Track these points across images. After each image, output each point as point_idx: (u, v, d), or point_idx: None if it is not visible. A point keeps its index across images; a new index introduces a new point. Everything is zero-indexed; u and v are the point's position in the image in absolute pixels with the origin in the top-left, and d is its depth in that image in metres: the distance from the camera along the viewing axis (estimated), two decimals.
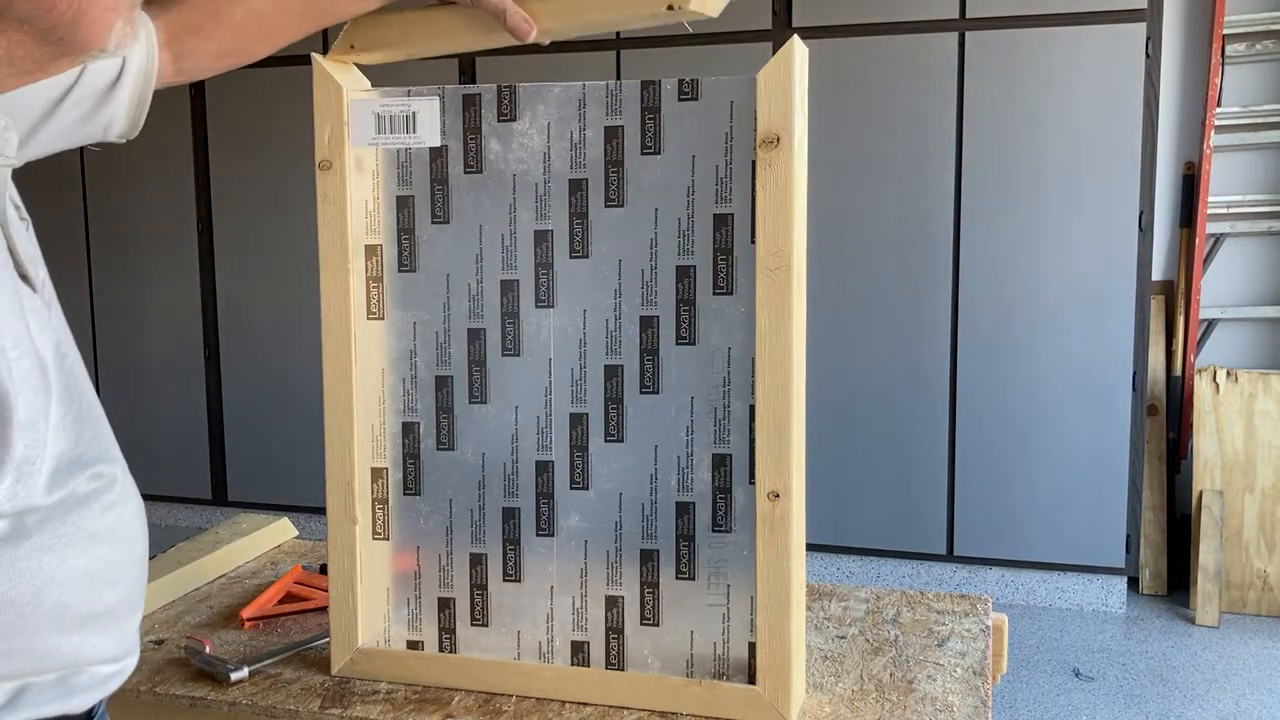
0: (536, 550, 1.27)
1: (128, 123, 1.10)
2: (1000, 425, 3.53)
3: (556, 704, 1.24)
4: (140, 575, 0.96)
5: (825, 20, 3.55)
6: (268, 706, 1.25)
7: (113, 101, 1.07)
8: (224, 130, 4.25)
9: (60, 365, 0.88)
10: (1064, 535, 3.52)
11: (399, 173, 1.26)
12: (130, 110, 1.09)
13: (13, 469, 0.80)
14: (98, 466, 0.90)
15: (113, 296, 4.48)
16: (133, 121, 1.11)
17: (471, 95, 1.23)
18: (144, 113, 1.11)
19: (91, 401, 0.93)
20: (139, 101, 1.09)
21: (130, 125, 1.11)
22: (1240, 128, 3.77)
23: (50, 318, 0.89)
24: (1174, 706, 2.98)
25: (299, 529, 1.93)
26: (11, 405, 0.80)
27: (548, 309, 1.23)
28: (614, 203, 1.20)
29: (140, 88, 1.09)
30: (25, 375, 0.82)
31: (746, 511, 1.19)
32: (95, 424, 0.92)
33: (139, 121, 1.11)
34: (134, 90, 1.08)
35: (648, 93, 1.17)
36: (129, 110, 1.09)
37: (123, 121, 1.10)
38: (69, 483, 0.86)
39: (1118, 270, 3.40)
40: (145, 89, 1.09)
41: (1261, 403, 3.52)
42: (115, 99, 1.07)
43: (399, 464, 1.30)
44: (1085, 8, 3.33)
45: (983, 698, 1.24)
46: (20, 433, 0.80)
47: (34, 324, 0.85)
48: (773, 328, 1.14)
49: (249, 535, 1.77)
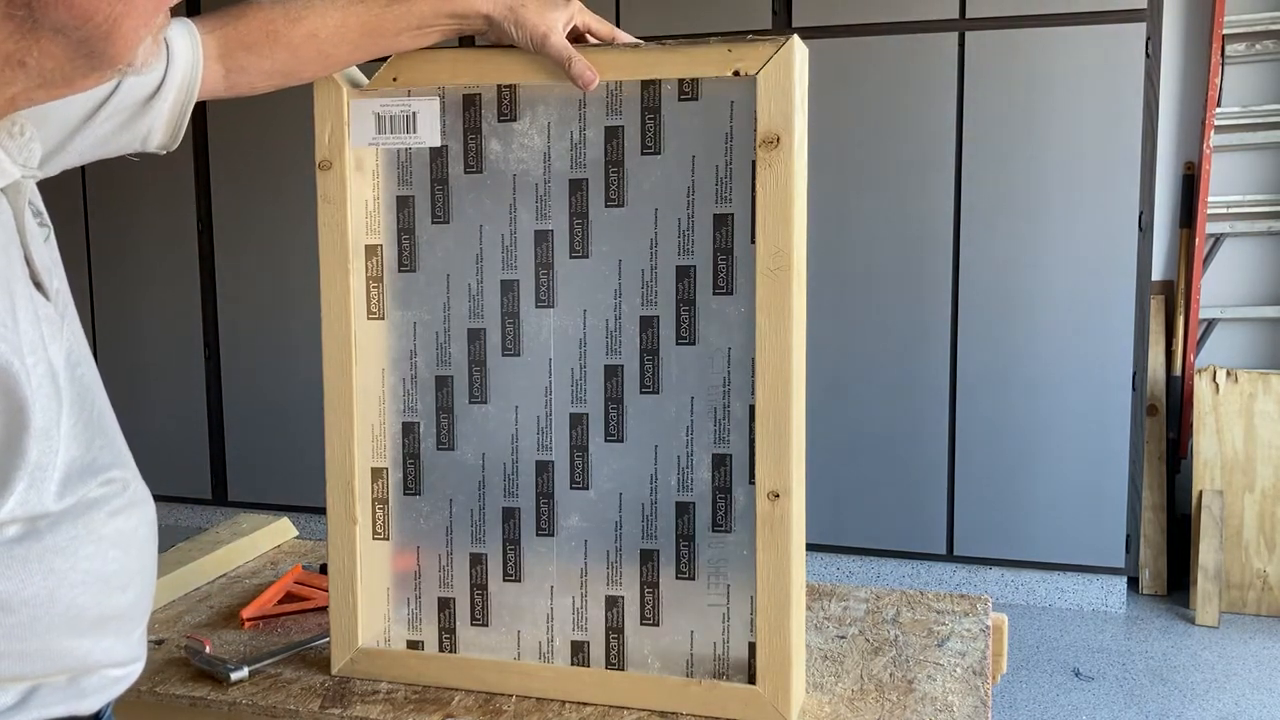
0: (536, 550, 1.27)
1: (168, 134, 1.08)
2: (1000, 425, 3.53)
3: (556, 704, 1.24)
4: (149, 582, 0.97)
5: (825, 20, 3.55)
6: (268, 706, 1.25)
7: (150, 114, 1.05)
8: (224, 130, 4.25)
9: (72, 374, 0.89)
10: (1064, 535, 3.52)
11: (399, 173, 1.26)
12: (170, 123, 1.07)
13: (26, 475, 0.81)
14: (110, 473, 0.91)
15: (113, 296, 4.48)
16: (173, 133, 1.09)
17: (471, 95, 1.23)
18: (184, 125, 1.09)
19: (104, 409, 0.94)
20: (180, 114, 1.08)
21: (170, 137, 1.09)
22: (1240, 128, 3.77)
23: (63, 326, 0.89)
24: (1174, 706, 2.98)
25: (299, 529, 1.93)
26: (29, 412, 0.80)
27: (548, 309, 1.23)
28: (614, 203, 1.20)
29: (183, 100, 1.07)
30: (40, 383, 0.82)
31: (746, 511, 1.19)
32: (107, 431, 0.93)
33: (179, 133, 1.09)
34: (175, 103, 1.07)
35: (648, 92, 1.17)
36: (169, 123, 1.08)
37: (161, 133, 1.08)
38: (80, 489, 0.87)
39: (1118, 270, 3.40)
40: (187, 102, 1.08)
41: (1261, 403, 3.52)
42: (154, 111, 1.05)
43: (399, 464, 1.30)
44: (1085, 8, 3.33)
45: (982, 698, 1.24)
46: (35, 440, 0.81)
47: (47, 332, 0.85)
48: (773, 328, 1.14)
49: (249, 535, 1.77)
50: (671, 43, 1.15)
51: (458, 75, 1.21)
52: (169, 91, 1.05)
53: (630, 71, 1.17)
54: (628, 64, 1.16)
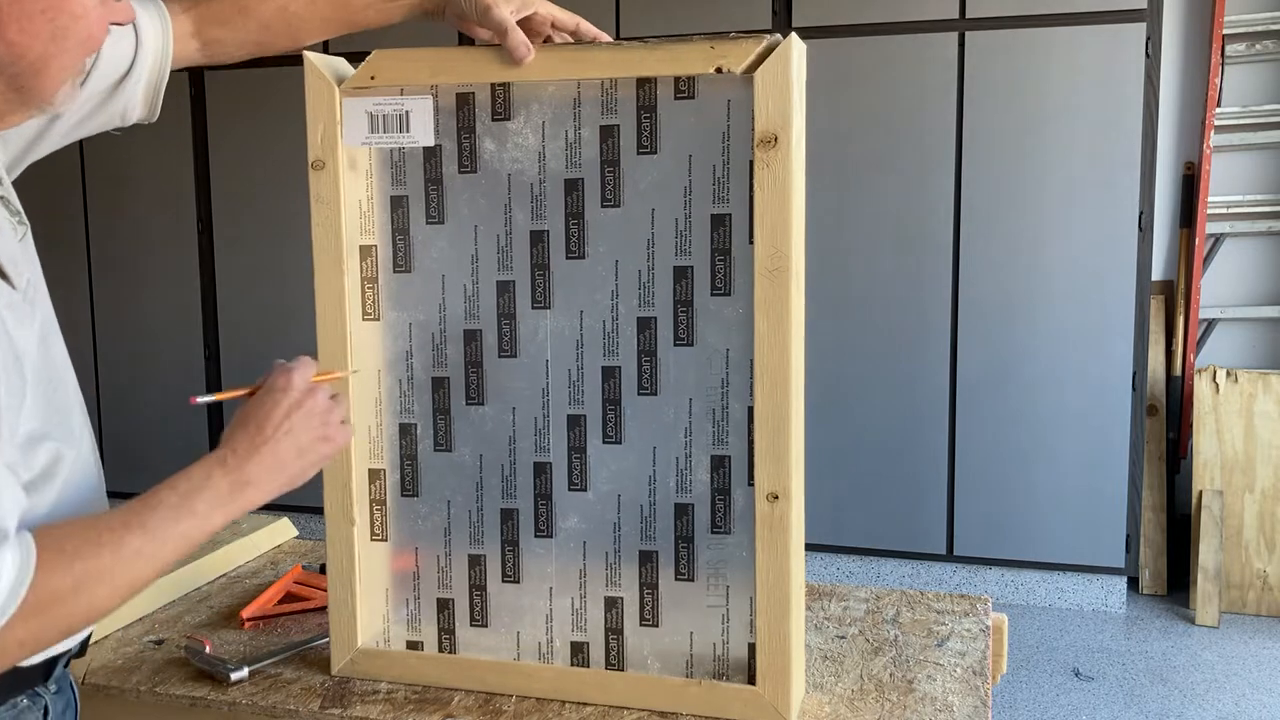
0: (535, 551, 1.27)
1: (146, 109, 1.16)
2: (1000, 425, 3.53)
3: (556, 704, 1.24)
4: None
5: (825, 20, 3.55)
6: (268, 706, 1.25)
7: (124, 94, 1.13)
8: (224, 130, 4.24)
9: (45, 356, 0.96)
10: (1064, 535, 3.51)
11: (393, 172, 1.26)
12: (147, 99, 1.15)
13: None
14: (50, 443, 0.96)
15: (113, 296, 4.48)
16: (151, 107, 1.17)
17: (465, 93, 1.22)
18: (160, 97, 1.16)
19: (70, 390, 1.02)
20: (155, 89, 1.15)
21: (149, 111, 1.17)
22: (1240, 128, 3.77)
23: (34, 314, 0.96)
24: (1174, 706, 2.98)
25: (299, 529, 1.93)
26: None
27: (544, 310, 1.23)
28: (610, 203, 1.20)
29: (156, 78, 1.15)
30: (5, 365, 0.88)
31: (746, 513, 1.19)
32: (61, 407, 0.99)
33: (157, 106, 1.17)
34: (149, 83, 1.14)
35: (643, 91, 1.17)
36: (145, 99, 1.15)
37: (140, 109, 1.16)
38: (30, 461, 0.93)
39: (1118, 270, 3.39)
40: (161, 77, 1.15)
41: (1261, 403, 3.52)
42: (126, 92, 1.13)
43: (396, 465, 1.30)
44: (1085, 8, 3.32)
45: (982, 698, 1.24)
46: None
47: (10, 318, 0.91)
48: (771, 329, 1.13)
49: (249, 535, 1.77)
50: (655, 40, 1.15)
51: (437, 74, 1.20)
52: (141, 72, 1.13)
53: (614, 69, 1.16)
54: (611, 61, 1.16)
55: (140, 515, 0.91)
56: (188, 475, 0.96)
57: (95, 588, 0.87)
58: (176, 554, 0.93)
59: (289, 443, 1.01)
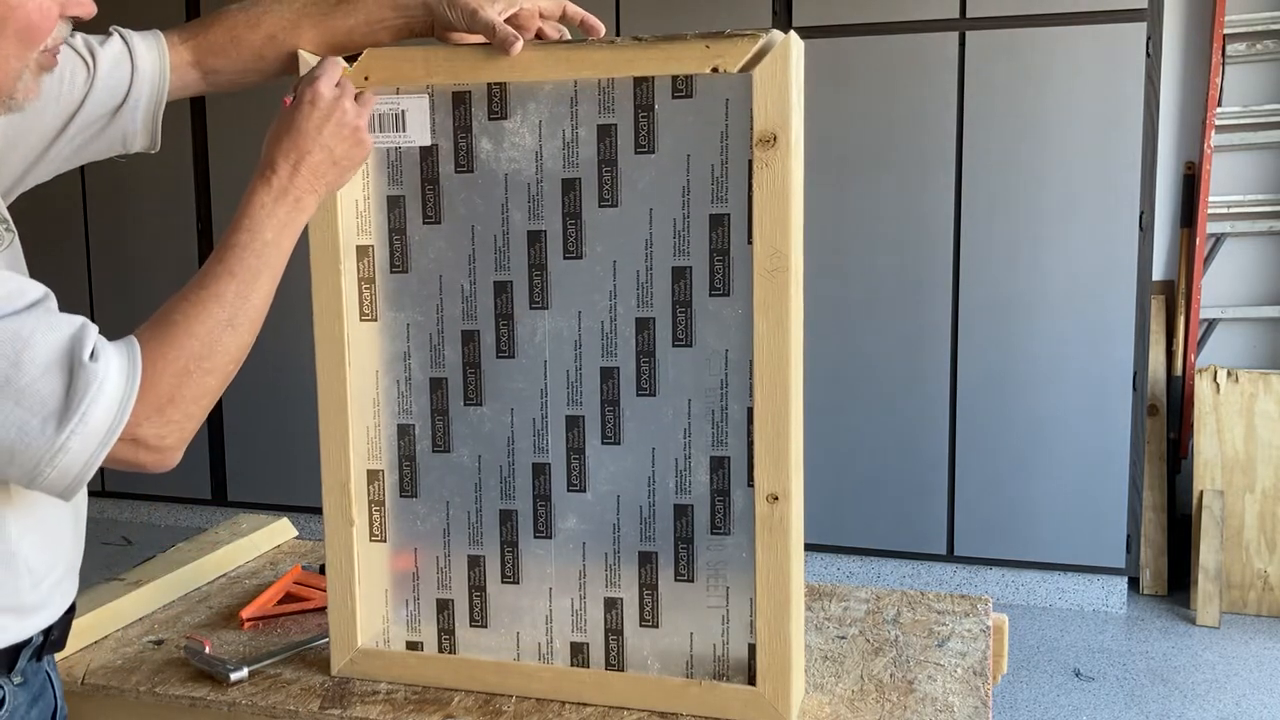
0: (534, 552, 1.27)
1: (147, 138, 1.18)
2: (1000, 425, 3.53)
3: (556, 704, 1.24)
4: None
5: (825, 20, 3.54)
6: (268, 706, 1.25)
7: (122, 122, 1.15)
8: (224, 130, 4.24)
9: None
10: (1064, 535, 3.51)
11: (389, 172, 1.26)
12: (147, 128, 1.17)
13: None
14: None
15: (113, 296, 4.48)
16: (152, 136, 1.19)
17: (461, 93, 1.22)
18: (159, 126, 1.19)
19: None
20: (153, 117, 1.17)
21: (151, 140, 1.19)
22: (1240, 128, 3.76)
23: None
24: (1174, 707, 2.98)
25: (299, 529, 1.93)
26: None
27: (542, 310, 1.23)
28: (608, 202, 1.19)
29: (154, 107, 1.17)
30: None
31: (745, 514, 1.19)
32: None
33: (158, 135, 1.19)
34: (147, 111, 1.16)
35: (640, 90, 1.16)
36: (145, 128, 1.18)
37: (142, 137, 1.18)
38: None
39: (1118, 270, 3.39)
40: (158, 108, 1.17)
41: (1262, 403, 3.52)
42: (124, 119, 1.15)
43: (395, 466, 1.30)
44: (1085, 8, 3.32)
45: (983, 698, 1.23)
46: None
47: None
48: (770, 329, 1.13)
49: (249, 535, 1.77)
50: (650, 39, 1.14)
51: (433, 73, 1.20)
52: (139, 100, 1.15)
53: (608, 68, 1.15)
54: (607, 61, 1.15)
55: (225, 263, 1.02)
56: (248, 213, 1.05)
57: (222, 335, 1.01)
58: (270, 284, 1.05)
59: (323, 156, 1.09)
